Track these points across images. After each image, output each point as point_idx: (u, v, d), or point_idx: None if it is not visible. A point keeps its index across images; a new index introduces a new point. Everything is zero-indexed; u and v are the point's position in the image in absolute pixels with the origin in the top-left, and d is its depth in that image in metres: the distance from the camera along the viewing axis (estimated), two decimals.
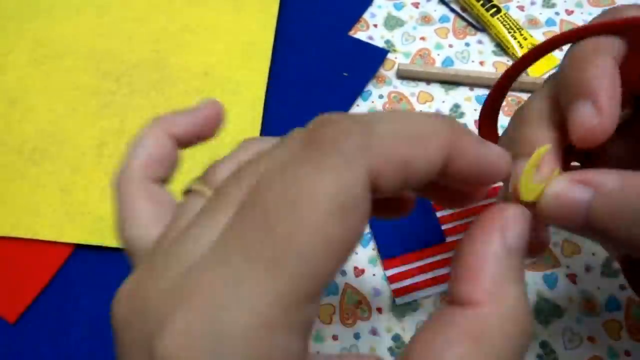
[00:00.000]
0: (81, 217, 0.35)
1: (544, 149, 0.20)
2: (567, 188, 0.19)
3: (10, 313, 0.32)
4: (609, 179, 0.19)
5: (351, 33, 0.46)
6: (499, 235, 0.16)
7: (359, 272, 0.34)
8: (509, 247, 0.16)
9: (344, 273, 0.34)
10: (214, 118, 0.22)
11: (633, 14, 0.21)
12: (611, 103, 0.20)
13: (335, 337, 0.32)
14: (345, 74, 0.42)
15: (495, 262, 0.16)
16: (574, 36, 0.22)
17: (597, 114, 0.20)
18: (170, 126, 0.21)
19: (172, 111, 0.22)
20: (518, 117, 0.24)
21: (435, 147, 0.15)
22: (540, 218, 0.20)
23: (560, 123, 0.22)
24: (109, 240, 0.34)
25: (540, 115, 0.22)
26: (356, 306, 0.33)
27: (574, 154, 0.24)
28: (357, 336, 0.32)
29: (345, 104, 0.41)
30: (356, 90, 0.42)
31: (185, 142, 0.22)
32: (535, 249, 0.23)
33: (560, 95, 0.22)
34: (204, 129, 0.22)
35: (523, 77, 0.41)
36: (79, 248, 0.35)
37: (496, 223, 0.17)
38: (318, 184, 0.13)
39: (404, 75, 0.43)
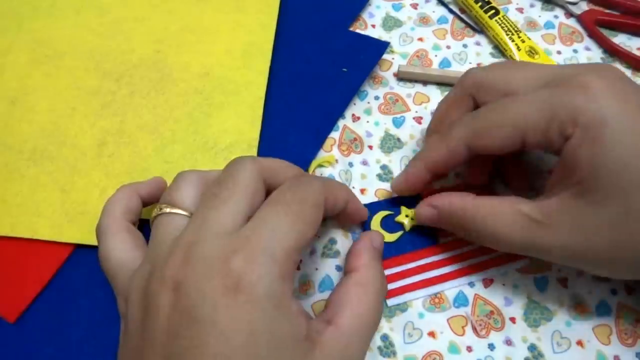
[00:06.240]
0: (81, 217, 0.36)
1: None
2: (423, 210, 0.33)
3: (10, 313, 0.33)
4: (442, 202, 0.32)
5: None
6: (368, 240, 0.31)
7: None
8: (374, 245, 0.31)
9: (340, 268, 0.34)
10: (162, 189, 0.33)
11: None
12: (408, 180, 0.34)
13: None
14: (344, 69, 0.42)
15: (367, 250, 0.30)
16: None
17: (403, 182, 0.35)
18: (138, 189, 0.31)
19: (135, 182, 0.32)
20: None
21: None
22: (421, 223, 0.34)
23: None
24: None
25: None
26: None
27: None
28: None
29: (343, 101, 0.41)
30: (355, 83, 0.42)
31: (146, 201, 0.32)
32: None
33: None
34: (158, 193, 0.32)
35: None
36: (79, 248, 0.35)
37: (367, 236, 0.32)
38: None
39: (404, 77, 0.43)
